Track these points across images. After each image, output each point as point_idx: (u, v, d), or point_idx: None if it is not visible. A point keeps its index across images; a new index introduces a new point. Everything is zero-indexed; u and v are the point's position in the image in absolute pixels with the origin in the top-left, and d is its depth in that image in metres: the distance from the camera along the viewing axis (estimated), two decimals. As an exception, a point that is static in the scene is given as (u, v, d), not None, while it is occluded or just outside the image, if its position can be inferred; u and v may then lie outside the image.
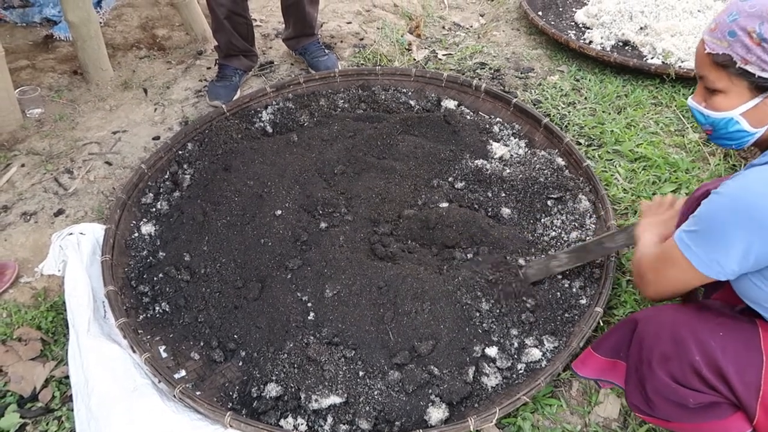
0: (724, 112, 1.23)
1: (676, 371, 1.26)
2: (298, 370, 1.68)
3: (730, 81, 1.20)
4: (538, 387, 1.59)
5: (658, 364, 1.29)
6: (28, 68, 3.18)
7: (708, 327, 1.26)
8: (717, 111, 1.25)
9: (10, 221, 2.29)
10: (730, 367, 1.20)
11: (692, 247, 1.21)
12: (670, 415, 1.31)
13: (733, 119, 1.23)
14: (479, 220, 2.08)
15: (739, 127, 1.24)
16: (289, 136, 2.48)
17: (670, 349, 1.27)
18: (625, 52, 3.14)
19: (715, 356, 1.21)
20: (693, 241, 1.21)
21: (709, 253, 1.18)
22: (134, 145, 2.68)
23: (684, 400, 1.26)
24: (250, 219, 2.12)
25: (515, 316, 1.79)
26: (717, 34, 1.19)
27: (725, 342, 1.23)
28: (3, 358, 1.81)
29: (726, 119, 1.24)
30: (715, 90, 1.23)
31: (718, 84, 1.22)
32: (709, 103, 1.26)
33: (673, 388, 1.27)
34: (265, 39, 3.45)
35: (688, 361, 1.24)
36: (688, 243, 1.21)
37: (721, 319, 1.29)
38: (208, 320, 1.88)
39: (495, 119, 2.64)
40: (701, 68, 1.25)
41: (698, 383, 1.24)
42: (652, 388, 1.31)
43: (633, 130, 2.60)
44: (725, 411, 1.26)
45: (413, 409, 1.61)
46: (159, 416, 1.57)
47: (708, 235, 1.18)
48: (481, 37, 3.48)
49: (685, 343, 1.25)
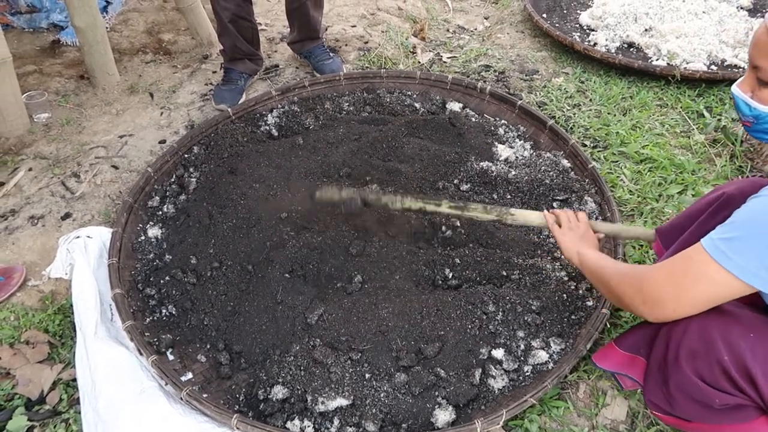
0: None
1: (703, 369, 1.22)
2: (305, 372, 1.68)
3: None
4: (545, 389, 1.59)
5: (686, 361, 1.25)
6: (35, 73, 3.20)
7: (738, 328, 1.21)
8: (764, 104, 1.20)
9: (18, 225, 2.31)
10: (758, 370, 1.17)
11: (732, 257, 1.10)
12: (692, 414, 1.29)
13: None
14: (485, 222, 2.08)
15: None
16: (294, 139, 2.48)
17: (699, 346, 1.22)
18: (630, 53, 3.13)
19: (744, 357, 1.18)
20: (732, 249, 1.10)
21: (753, 260, 1.08)
22: (140, 148, 2.70)
23: (709, 399, 1.23)
24: (255, 222, 2.12)
25: (522, 317, 1.79)
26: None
27: (755, 344, 1.19)
28: (11, 361, 1.81)
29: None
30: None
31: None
32: (759, 95, 1.21)
33: (699, 386, 1.23)
34: (270, 43, 3.47)
35: (717, 359, 1.20)
36: (726, 252, 1.11)
37: (752, 320, 1.24)
38: (214, 323, 1.88)
39: (500, 121, 2.64)
40: (760, 58, 1.17)
41: (726, 383, 1.21)
42: (676, 384, 1.28)
43: (638, 132, 2.60)
44: (750, 414, 1.24)
45: (420, 411, 1.61)
46: (166, 419, 1.57)
47: (753, 240, 1.09)
48: (485, 39, 3.48)
49: (714, 342, 1.20)
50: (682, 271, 1.18)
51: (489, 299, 1.81)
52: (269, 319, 1.84)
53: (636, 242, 2.12)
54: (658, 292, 1.22)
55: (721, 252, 1.11)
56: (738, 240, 1.10)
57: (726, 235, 1.12)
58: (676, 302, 1.20)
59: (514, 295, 1.83)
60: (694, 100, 2.78)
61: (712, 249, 1.13)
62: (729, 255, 1.10)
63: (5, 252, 2.19)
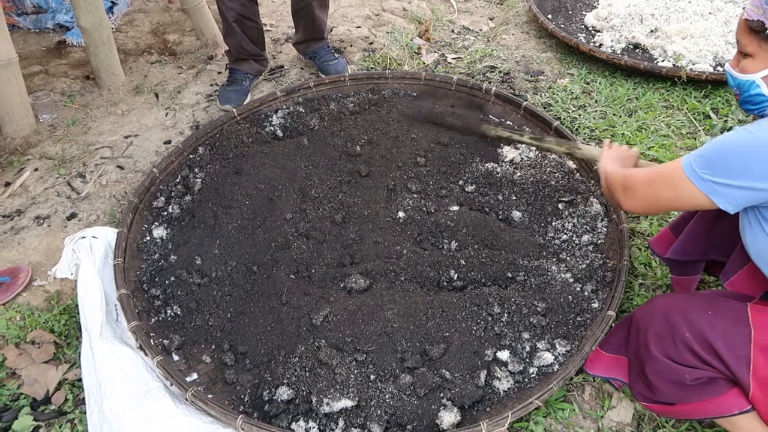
0: (749, 75, 1.31)
1: (670, 350, 1.34)
2: (310, 373, 1.68)
3: (759, 46, 1.28)
4: (550, 391, 1.58)
5: (654, 345, 1.37)
6: (41, 74, 3.21)
7: (697, 307, 1.35)
8: (744, 73, 1.33)
9: (24, 225, 2.31)
10: (720, 342, 1.29)
11: (699, 171, 1.25)
12: (671, 396, 1.39)
13: (755, 82, 1.31)
14: (490, 224, 2.08)
15: (759, 91, 1.31)
16: (299, 139, 2.48)
17: (663, 329, 1.36)
18: (636, 54, 3.12)
19: (704, 333, 1.30)
20: (700, 165, 1.25)
21: (714, 179, 1.22)
22: (146, 149, 2.70)
23: (681, 377, 1.33)
24: (260, 222, 2.13)
25: (527, 319, 1.79)
26: (756, 2, 1.27)
27: (713, 319, 1.31)
28: (16, 361, 1.82)
29: (749, 82, 1.32)
30: (746, 54, 1.31)
31: (749, 48, 1.30)
32: (740, 66, 1.34)
33: (669, 365, 1.34)
34: (275, 43, 3.47)
35: (680, 338, 1.32)
36: (694, 167, 1.26)
37: (710, 300, 1.38)
38: (219, 323, 1.88)
39: (505, 122, 2.63)
40: (738, 33, 1.32)
41: (692, 359, 1.32)
42: (651, 369, 1.39)
43: (644, 133, 2.59)
44: (722, 387, 1.33)
45: (425, 412, 1.61)
46: (171, 419, 1.58)
47: (720, 163, 1.22)
48: (490, 40, 3.48)
49: (676, 323, 1.34)
50: (659, 175, 1.36)
51: (494, 301, 1.81)
52: (274, 319, 1.84)
53: (642, 244, 2.12)
54: (635, 185, 1.42)
55: (691, 167, 1.27)
56: (707, 158, 1.25)
57: (698, 153, 1.28)
58: (645, 199, 1.40)
59: (520, 296, 1.83)
60: (701, 102, 2.77)
61: (685, 164, 1.28)
62: (696, 170, 1.25)
63: (11, 252, 2.20)
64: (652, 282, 1.99)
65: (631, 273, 2.00)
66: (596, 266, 1.97)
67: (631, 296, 1.94)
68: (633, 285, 1.97)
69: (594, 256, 2.01)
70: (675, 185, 1.30)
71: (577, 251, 2.03)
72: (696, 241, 1.67)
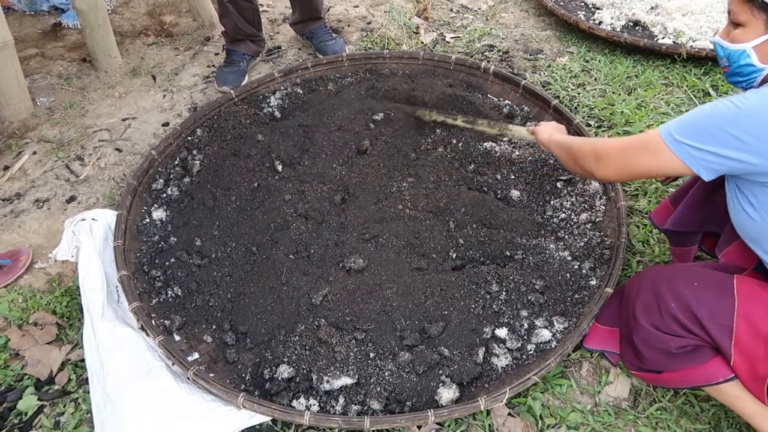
0: (739, 44, 1.31)
1: (656, 319, 1.39)
2: (310, 351, 1.69)
3: (752, 14, 1.27)
4: (548, 367, 1.60)
5: (642, 315, 1.42)
6: (37, 56, 3.19)
7: (684, 278, 1.40)
8: (734, 43, 1.33)
9: (23, 208, 2.32)
10: (703, 312, 1.33)
11: (677, 137, 1.26)
12: (657, 363, 1.44)
13: (745, 52, 1.31)
14: (488, 203, 2.08)
15: (749, 61, 1.31)
16: (297, 120, 2.47)
17: (650, 300, 1.41)
18: (636, 32, 3.10)
19: (689, 303, 1.35)
20: (677, 129, 1.26)
21: (690, 142, 1.24)
22: (144, 131, 2.70)
23: (666, 345, 1.39)
24: (259, 203, 2.13)
25: (525, 297, 1.80)
26: None
27: (698, 290, 1.36)
28: (20, 343, 1.84)
29: (739, 51, 1.32)
30: (738, 24, 1.31)
31: (741, 17, 1.29)
32: (731, 37, 1.34)
33: (655, 334, 1.40)
34: (272, 24, 3.44)
35: (666, 308, 1.37)
36: (672, 133, 1.27)
37: (696, 272, 1.43)
38: (219, 304, 1.90)
39: (504, 101, 2.62)
40: (731, 2, 1.32)
41: (677, 327, 1.37)
42: (639, 338, 1.44)
43: (643, 111, 2.58)
44: (706, 354, 1.38)
45: (424, 389, 1.63)
46: (173, 398, 1.60)
47: (696, 127, 1.23)
48: (489, 19, 3.45)
49: (663, 294, 1.39)
50: (634, 142, 1.37)
51: (492, 279, 1.82)
52: (274, 299, 1.85)
53: (640, 222, 2.12)
54: (608, 152, 1.42)
55: (668, 132, 1.28)
56: (685, 123, 1.26)
57: (678, 119, 1.29)
58: (619, 165, 1.39)
59: (518, 274, 1.84)
60: (701, 79, 2.76)
61: (663, 130, 1.30)
62: (673, 134, 1.27)
63: (11, 235, 2.21)
64: (649, 259, 2.00)
65: (628, 250, 2.01)
66: (594, 244, 1.98)
67: (629, 273, 1.95)
68: (631, 262, 1.98)
69: (592, 234, 2.01)
70: (651, 151, 1.31)
71: (575, 229, 2.04)
72: (693, 212, 1.69)
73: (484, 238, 1.98)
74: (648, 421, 1.60)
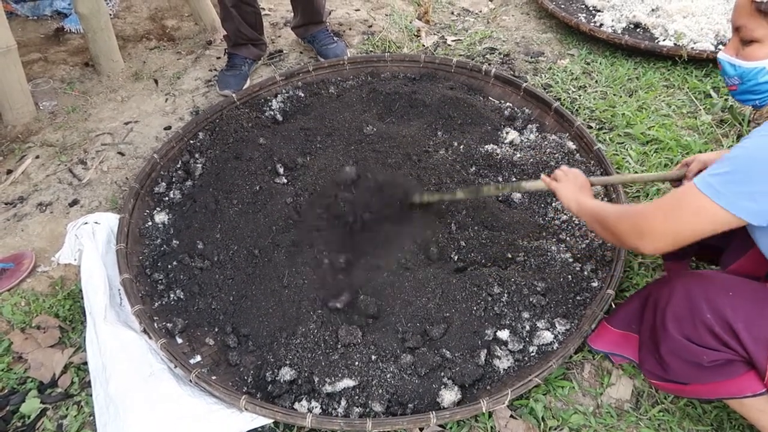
0: (757, 62, 1.23)
1: (689, 330, 1.29)
2: (312, 354, 1.70)
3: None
4: (549, 369, 1.60)
5: (672, 325, 1.31)
6: (40, 61, 3.21)
7: (718, 287, 1.29)
8: (749, 60, 1.25)
9: (27, 212, 2.33)
10: (740, 324, 1.23)
11: (720, 189, 1.15)
12: (685, 376, 1.34)
13: (765, 68, 1.23)
14: (490, 205, 2.08)
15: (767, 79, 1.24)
16: (299, 123, 2.48)
17: (683, 310, 1.30)
18: (637, 34, 3.10)
19: (725, 314, 1.24)
20: (721, 182, 1.16)
21: (740, 193, 1.14)
22: (146, 135, 2.71)
23: (698, 358, 1.29)
24: (261, 206, 2.13)
25: (527, 299, 1.80)
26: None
27: (735, 300, 1.26)
28: (23, 346, 1.84)
29: (757, 69, 1.24)
30: (752, 40, 1.23)
31: (757, 32, 1.21)
32: (742, 54, 1.26)
33: (686, 346, 1.29)
34: (273, 28, 3.46)
35: (700, 319, 1.26)
36: (715, 186, 1.16)
37: (731, 281, 1.32)
38: (221, 307, 1.90)
39: (505, 104, 2.63)
40: (740, 18, 1.24)
41: (711, 340, 1.26)
42: (667, 349, 1.34)
43: (645, 113, 2.58)
44: (738, 368, 1.29)
45: (426, 391, 1.63)
46: (175, 400, 1.60)
47: (744, 175, 1.14)
48: (490, 21, 3.46)
49: (697, 304, 1.27)
50: (674, 206, 1.24)
51: (494, 281, 1.82)
52: (276, 302, 1.85)
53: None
54: (651, 225, 1.27)
55: (710, 186, 1.17)
56: (727, 174, 1.15)
57: (716, 171, 1.18)
58: (668, 234, 1.25)
59: (519, 276, 1.84)
60: (701, 81, 2.76)
61: (702, 184, 1.18)
62: (717, 188, 1.16)
63: (14, 238, 2.22)
64: (651, 261, 2.00)
65: (630, 252, 2.01)
66: (596, 246, 1.98)
67: (631, 275, 1.94)
68: (632, 264, 1.98)
69: (593, 236, 2.02)
70: (692, 208, 1.19)
71: (576, 231, 2.04)
72: None
73: (486, 240, 1.98)
74: (650, 422, 1.60)
